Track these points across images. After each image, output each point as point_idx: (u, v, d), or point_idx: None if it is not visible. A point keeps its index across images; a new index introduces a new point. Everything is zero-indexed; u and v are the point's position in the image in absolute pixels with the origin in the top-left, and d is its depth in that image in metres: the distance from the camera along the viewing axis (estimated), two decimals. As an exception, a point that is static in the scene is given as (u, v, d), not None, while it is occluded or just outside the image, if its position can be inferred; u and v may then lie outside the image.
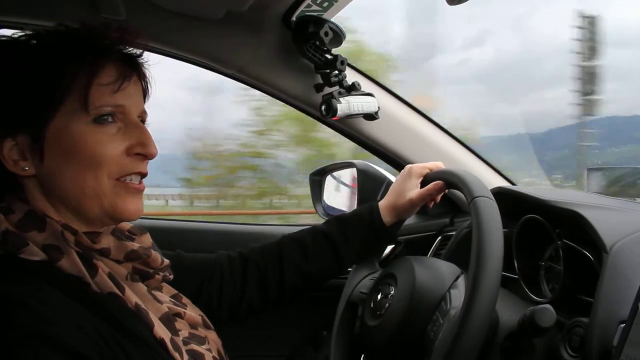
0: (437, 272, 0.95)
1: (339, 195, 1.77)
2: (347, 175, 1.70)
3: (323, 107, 1.26)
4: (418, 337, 0.89)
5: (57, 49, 0.73)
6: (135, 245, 0.78)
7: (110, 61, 0.75)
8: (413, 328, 0.90)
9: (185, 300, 0.89)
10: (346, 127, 1.41)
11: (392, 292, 0.96)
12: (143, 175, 0.78)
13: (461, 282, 0.93)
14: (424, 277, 0.93)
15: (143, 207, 0.79)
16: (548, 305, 0.79)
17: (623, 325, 0.76)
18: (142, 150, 0.76)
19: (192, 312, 0.87)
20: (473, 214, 0.87)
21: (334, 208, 1.76)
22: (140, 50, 0.80)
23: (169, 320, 0.80)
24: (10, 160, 0.72)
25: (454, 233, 1.34)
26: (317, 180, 1.79)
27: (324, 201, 1.78)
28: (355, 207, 1.63)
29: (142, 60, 0.80)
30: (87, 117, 0.73)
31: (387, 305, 0.94)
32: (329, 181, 1.78)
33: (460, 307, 0.82)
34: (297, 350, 1.62)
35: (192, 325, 0.86)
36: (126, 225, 0.83)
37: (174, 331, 0.79)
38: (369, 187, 1.60)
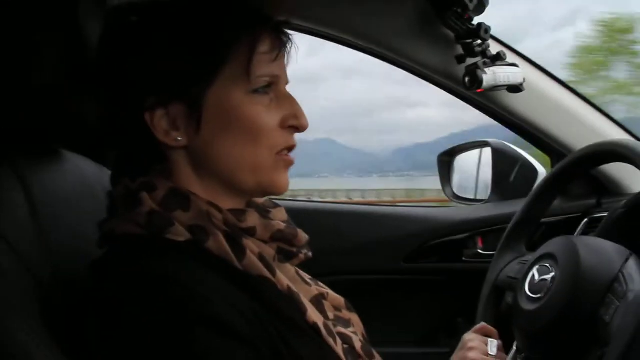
0: (603, 252, 0.86)
1: (471, 177, 1.71)
2: (481, 155, 1.63)
3: (467, 79, 1.19)
4: (587, 321, 0.81)
5: (220, 12, 0.71)
6: (281, 224, 0.74)
7: (265, 30, 0.72)
8: (581, 311, 0.81)
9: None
10: (488, 103, 1.33)
11: (553, 273, 0.88)
12: (293, 148, 0.75)
13: (632, 263, 0.84)
14: (589, 257, 0.85)
15: None
16: None
17: None
18: (295, 122, 0.73)
19: (333, 292, 0.84)
20: None
21: (464, 191, 1.71)
22: (288, 20, 0.77)
23: (318, 302, 0.77)
24: (161, 130, 0.69)
25: (604, 215, 1.23)
26: (447, 161, 1.73)
27: (454, 184, 1.72)
28: (488, 190, 1.57)
29: (289, 30, 0.77)
30: (247, 86, 0.70)
31: (547, 287, 0.87)
32: (460, 162, 1.71)
33: None
34: (431, 337, 1.57)
35: (337, 307, 0.82)
36: (259, 199, 0.80)
37: (325, 315, 0.77)
38: (503, 168, 1.55)
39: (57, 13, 0.77)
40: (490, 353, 0.90)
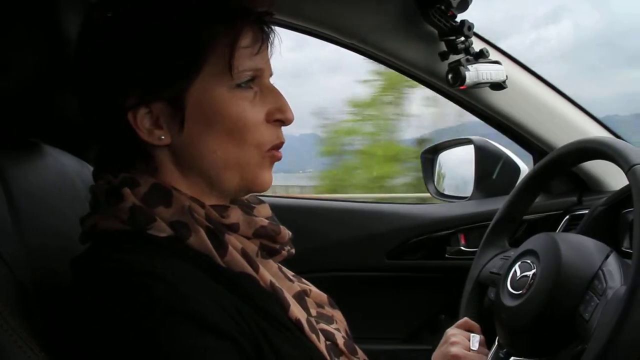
0: (584, 249, 0.87)
1: (454, 174, 1.72)
2: (463, 152, 1.64)
3: (450, 76, 1.20)
4: (567, 318, 0.82)
5: (199, 6, 0.69)
6: (264, 221, 0.74)
7: (246, 24, 0.70)
8: (561, 308, 0.82)
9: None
10: (471, 100, 1.34)
11: (535, 269, 0.88)
12: (282, 144, 0.74)
13: (612, 260, 0.85)
14: (569, 254, 0.85)
15: None
16: None
17: None
18: (280, 116, 0.72)
19: (316, 289, 0.84)
20: (633, 183, 0.79)
21: (447, 188, 1.72)
22: (270, 11, 0.75)
23: (301, 299, 0.77)
24: (144, 129, 0.68)
25: (585, 212, 1.24)
26: (430, 158, 1.73)
27: (437, 181, 1.73)
28: (470, 187, 1.58)
29: (271, 23, 0.76)
30: (230, 81, 0.68)
31: (528, 284, 0.88)
32: (443, 159, 1.72)
33: (622, 286, 0.75)
34: (413, 333, 1.58)
35: (319, 304, 0.82)
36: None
37: (308, 311, 0.76)
38: (485, 165, 1.56)
39: (38, 7, 0.75)
40: (472, 348, 0.90)
